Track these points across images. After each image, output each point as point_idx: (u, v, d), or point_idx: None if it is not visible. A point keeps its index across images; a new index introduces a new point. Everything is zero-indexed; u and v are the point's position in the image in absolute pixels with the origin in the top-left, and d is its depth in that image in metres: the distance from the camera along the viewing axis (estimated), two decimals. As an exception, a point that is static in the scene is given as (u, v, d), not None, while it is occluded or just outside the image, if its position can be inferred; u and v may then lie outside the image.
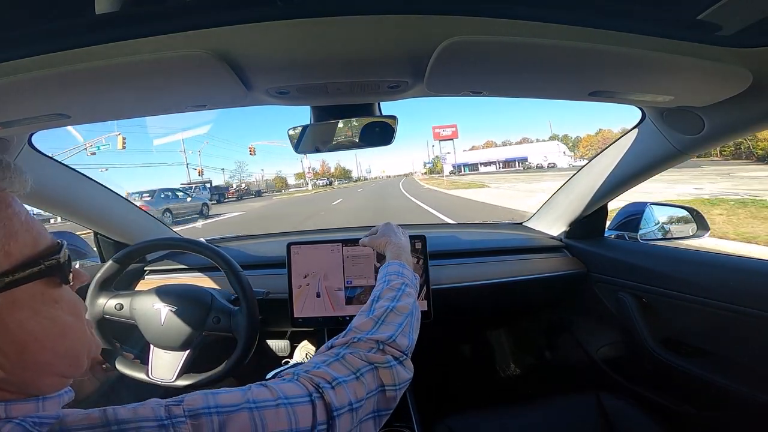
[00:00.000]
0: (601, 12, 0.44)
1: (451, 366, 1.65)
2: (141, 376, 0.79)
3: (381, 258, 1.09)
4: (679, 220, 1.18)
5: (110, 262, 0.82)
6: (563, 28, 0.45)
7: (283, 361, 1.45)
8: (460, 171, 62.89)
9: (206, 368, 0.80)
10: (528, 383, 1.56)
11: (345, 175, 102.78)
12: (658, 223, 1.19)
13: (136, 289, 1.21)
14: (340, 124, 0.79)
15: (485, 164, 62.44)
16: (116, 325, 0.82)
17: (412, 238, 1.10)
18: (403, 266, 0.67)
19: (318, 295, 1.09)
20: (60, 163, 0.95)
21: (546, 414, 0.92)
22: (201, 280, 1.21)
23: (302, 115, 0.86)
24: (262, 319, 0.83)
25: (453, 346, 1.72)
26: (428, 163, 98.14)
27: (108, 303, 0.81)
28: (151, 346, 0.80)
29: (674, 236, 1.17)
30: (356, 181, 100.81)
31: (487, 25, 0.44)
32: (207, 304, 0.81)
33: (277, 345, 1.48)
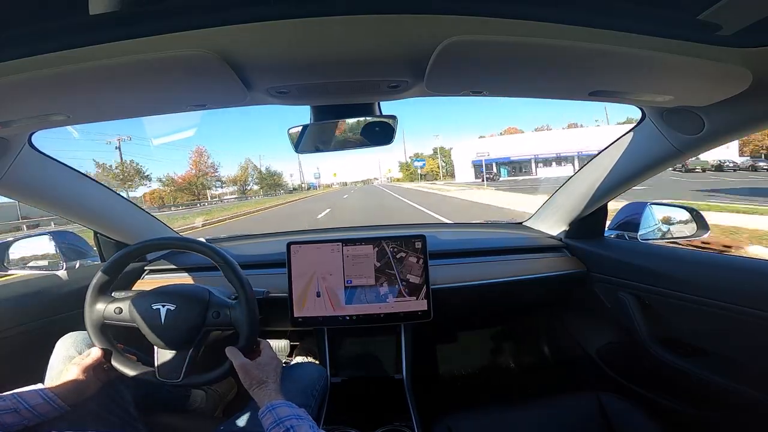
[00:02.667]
0: (601, 11, 0.44)
1: (451, 366, 1.65)
2: (148, 377, 0.79)
3: (379, 261, 1.10)
4: (679, 220, 1.18)
5: (101, 271, 0.82)
6: (563, 27, 0.45)
7: (284, 362, 1.46)
8: (496, 174, 32.68)
9: (211, 367, 0.80)
10: (528, 383, 1.56)
11: (270, 181, 57.05)
12: (658, 223, 1.19)
13: (135, 288, 1.21)
14: (340, 124, 0.79)
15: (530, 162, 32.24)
16: (119, 329, 0.82)
17: (413, 237, 1.11)
18: (289, 405, 0.67)
19: (318, 295, 1.09)
20: (60, 162, 0.95)
21: (546, 414, 0.92)
22: (201, 280, 1.21)
23: (302, 115, 0.83)
24: (262, 318, 0.83)
25: (453, 346, 1.72)
26: (418, 161, 60.55)
27: (107, 308, 0.80)
28: (155, 347, 0.80)
29: (674, 236, 1.17)
30: (291, 191, 59.86)
31: (487, 25, 0.44)
32: (205, 300, 0.81)
33: (277, 345, 1.48)
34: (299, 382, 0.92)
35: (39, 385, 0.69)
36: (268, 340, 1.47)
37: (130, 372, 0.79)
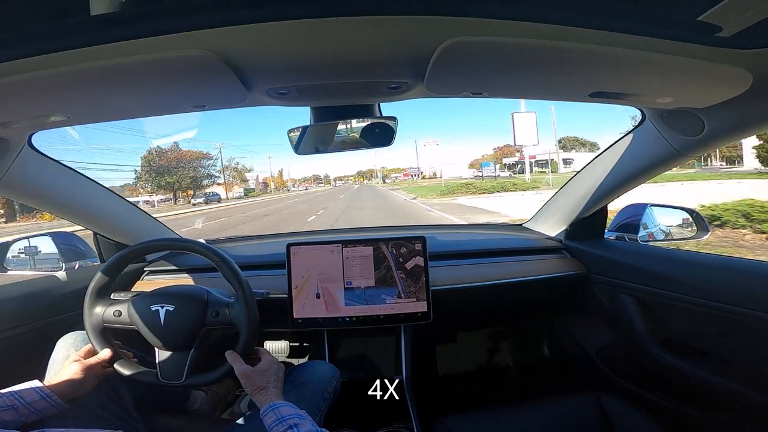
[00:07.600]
0: (601, 13, 0.44)
1: (451, 366, 1.65)
2: (151, 379, 0.79)
3: (379, 262, 1.09)
4: (679, 222, 1.18)
5: (99, 273, 0.82)
6: (563, 29, 0.45)
7: (286, 361, 1.45)
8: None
9: (213, 367, 0.80)
10: (528, 383, 1.56)
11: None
12: (658, 224, 1.19)
13: (135, 289, 1.21)
14: (340, 125, 0.79)
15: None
16: (120, 332, 0.82)
17: (413, 239, 1.10)
18: (291, 405, 0.68)
19: (318, 296, 1.09)
20: (60, 163, 0.95)
21: (546, 414, 0.92)
22: (200, 281, 1.21)
23: (301, 116, 0.82)
24: (261, 319, 0.83)
25: (453, 347, 1.72)
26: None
27: (106, 311, 0.80)
28: (156, 348, 0.80)
29: (674, 238, 1.17)
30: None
31: (487, 26, 0.44)
32: (203, 299, 0.81)
33: (277, 346, 1.48)
34: (311, 383, 0.90)
35: (36, 382, 0.69)
36: (267, 340, 1.47)
37: (133, 375, 0.79)
